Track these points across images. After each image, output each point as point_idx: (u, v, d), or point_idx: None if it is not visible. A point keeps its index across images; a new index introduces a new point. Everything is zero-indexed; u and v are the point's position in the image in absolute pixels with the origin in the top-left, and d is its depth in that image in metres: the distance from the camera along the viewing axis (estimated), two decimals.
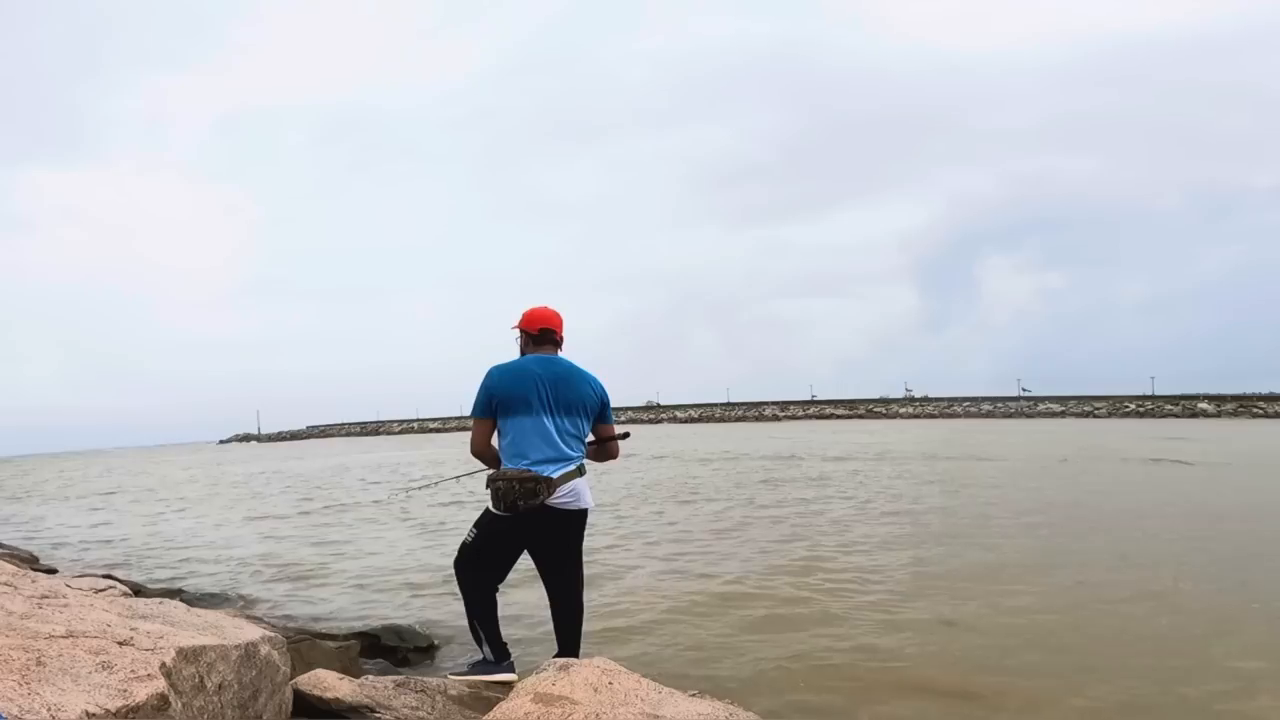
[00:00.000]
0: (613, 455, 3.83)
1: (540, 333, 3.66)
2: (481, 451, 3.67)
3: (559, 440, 3.51)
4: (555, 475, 3.47)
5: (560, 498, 3.48)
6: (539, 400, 3.50)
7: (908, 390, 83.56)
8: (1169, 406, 63.04)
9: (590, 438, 3.72)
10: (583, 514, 3.61)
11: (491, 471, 3.56)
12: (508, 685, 3.18)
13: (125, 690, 1.90)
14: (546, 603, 3.73)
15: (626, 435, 3.90)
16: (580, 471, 3.58)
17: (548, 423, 3.50)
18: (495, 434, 3.63)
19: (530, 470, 3.45)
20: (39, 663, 1.92)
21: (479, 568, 3.61)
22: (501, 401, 3.54)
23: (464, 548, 3.64)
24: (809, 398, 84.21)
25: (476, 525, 3.63)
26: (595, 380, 3.68)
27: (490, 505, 3.53)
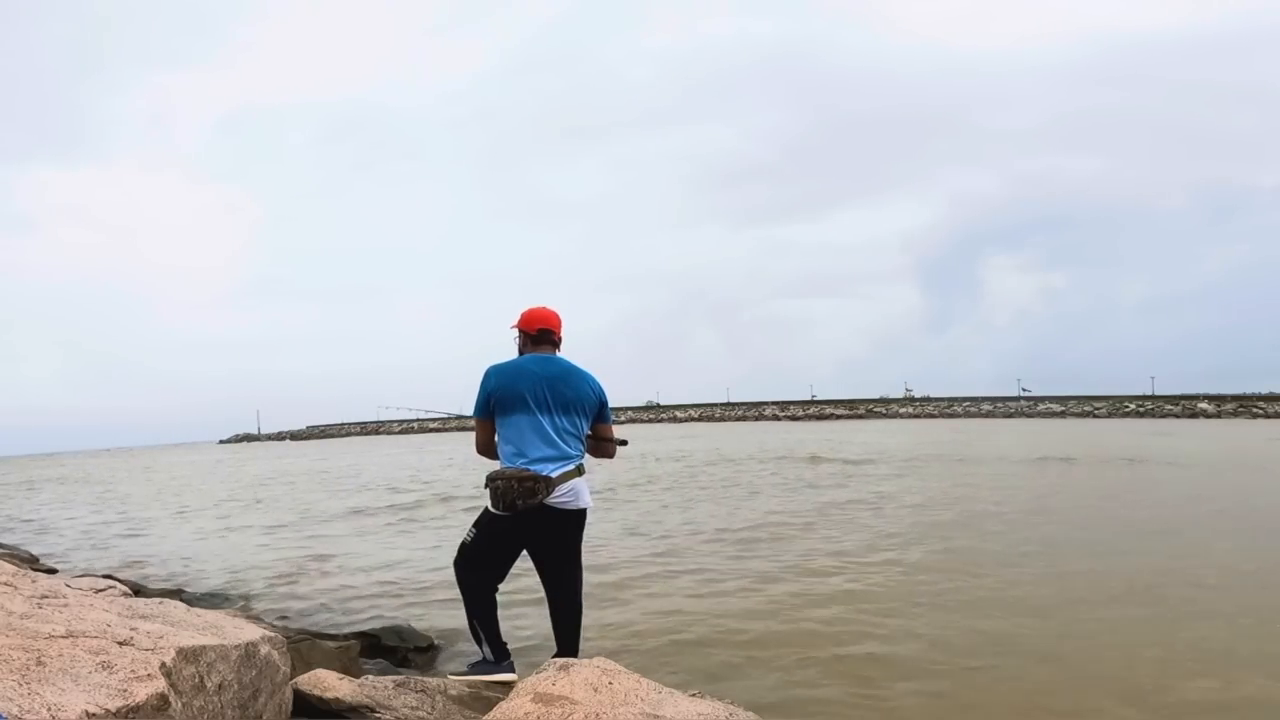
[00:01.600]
0: (609, 454, 3.83)
1: (538, 333, 3.67)
2: (486, 451, 3.70)
3: (557, 439, 3.52)
4: (554, 474, 3.47)
5: (559, 497, 3.48)
6: (537, 399, 3.51)
7: (908, 390, 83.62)
8: (1169, 406, 63.04)
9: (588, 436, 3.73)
10: (581, 513, 3.62)
11: (490, 471, 3.56)
12: (508, 685, 3.18)
13: (125, 690, 1.90)
14: (546, 602, 3.73)
15: (625, 443, 3.92)
16: (579, 471, 3.58)
17: (546, 422, 3.51)
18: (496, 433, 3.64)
19: (529, 469, 3.45)
20: (39, 663, 1.92)
21: (478, 567, 3.61)
22: (500, 401, 3.55)
23: (463, 547, 3.65)
24: (809, 398, 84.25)
25: (476, 525, 3.63)
26: (593, 379, 3.68)
27: (489, 505, 3.54)
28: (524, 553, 3.66)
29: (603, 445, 3.78)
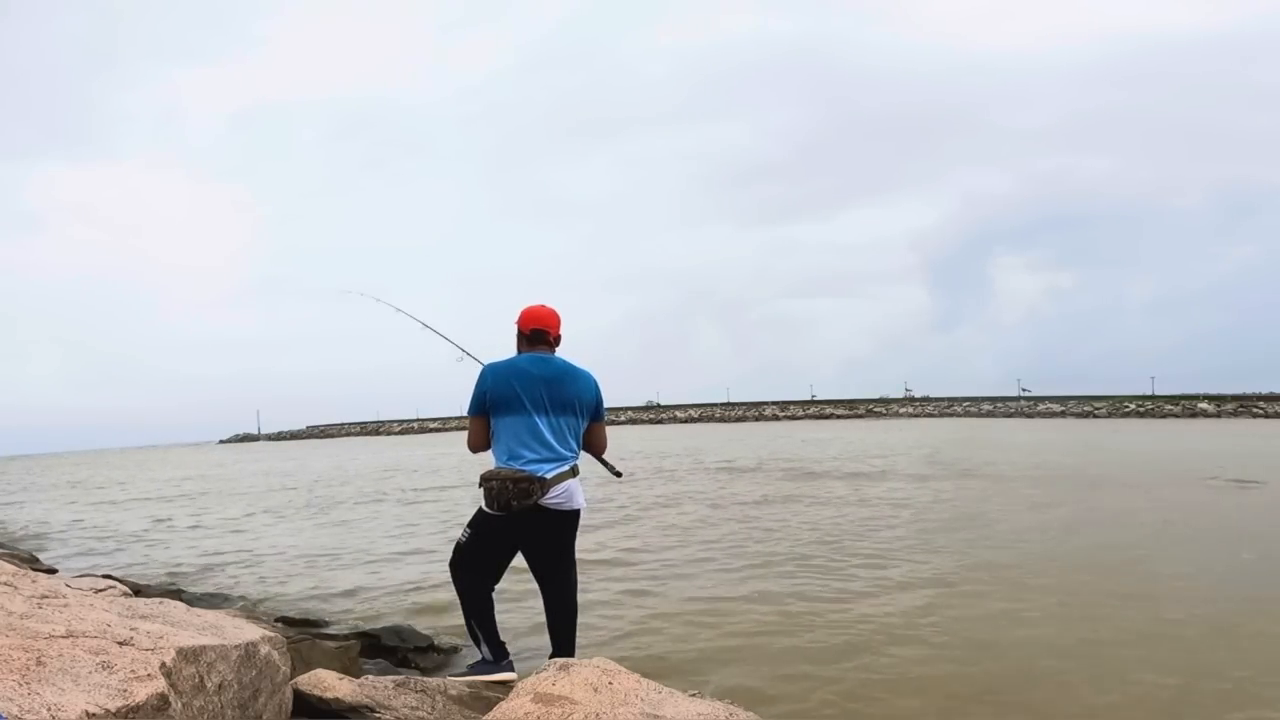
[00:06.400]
0: (600, 450, 3.83)
1: (533, 333, 3.65)
2: (477, 447, 3.69)
3: (552, 440, 3.51)
4: (549, 475, 3.47)
5: (553, 498, 3.48)
6: (533, 399, 3.50)
7: (907, 390, 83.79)
8: (1169, 406, 63.05)
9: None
10: (575, 514, 3.62)
11: (484, 471, 3.56)
12: (508, 685, 3.18)
13: (125, 690, 1.90)
14: (542, 602, 3.73)
15: (619, 475, 3.98)
16: (574, 472, 3.58)
17: (541, 422, 3.50)
18: (491, 432, 3.63)
19: (523, 470, 3.45)
20: (39, 663, 1.92)
21: (474, 568, 3.61)
22: (495, 400, 3.54)
23: (459, 548, 3.65)
24: (809, 398, 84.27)
25: (471, 525, 3.64)
26: (590, 379, 3.67)
27: (484, 505, 3.54)
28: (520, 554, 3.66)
29: (594, 444, 3.78)
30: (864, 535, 8.10)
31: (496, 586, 3.70)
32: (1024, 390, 76.41)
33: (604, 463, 3.92)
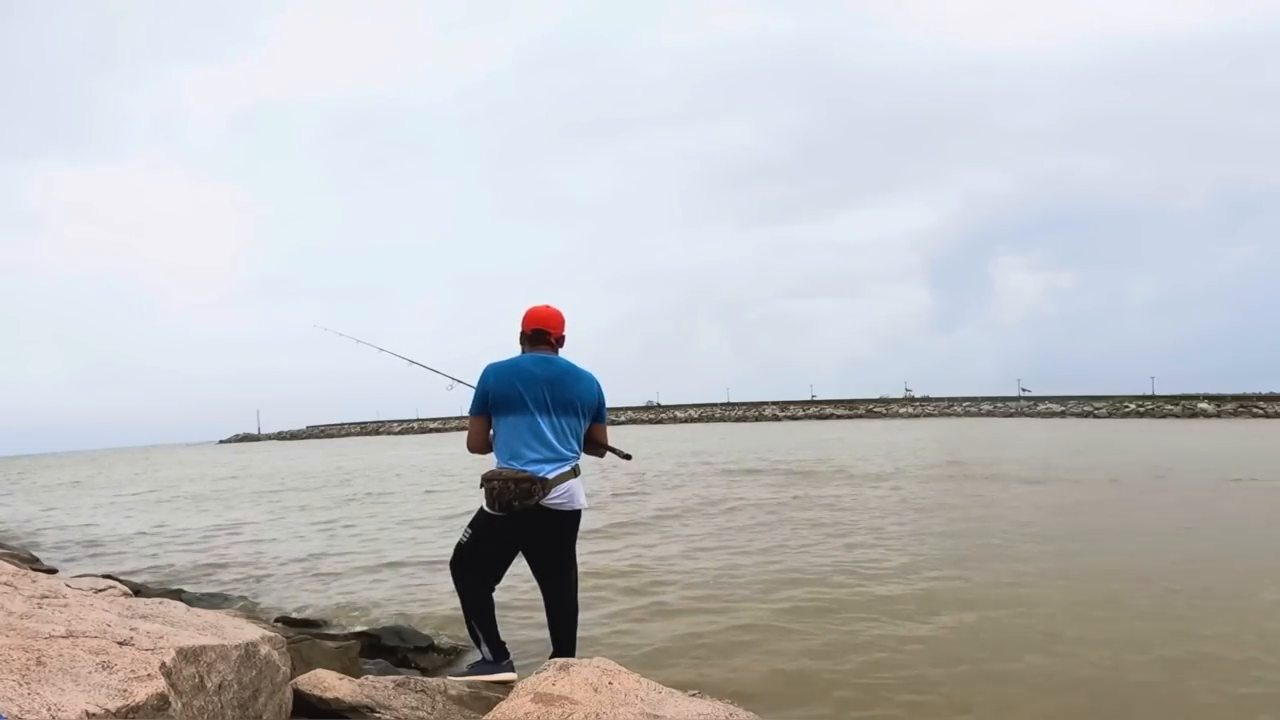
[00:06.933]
0: (600, 454, 3.83)
1: (534, 333, 3.65)
2: (478, 448, 3.69)
3: (554, 440, 3.51)
4: (550, 475, 3.47)
5: (555, 498, 3.48)
6: (534, 399, 3.50)
7: (907, 390, 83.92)
8: (1169, 407, 63.09)
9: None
10: (576, 515, 3.61)
11: (486, 471, 3.56)
12: (508, 685, 3.18)
13: (125, 690, 1.90)
14: (543, 602, 3.73)
15: (628, 457, 3.97)
16: (575, 472, 3.58)
17: (542, 422, 3.50)
18: (491, 431, 3.63)
19: (525, 470, 3.45)
20: (39, 663, 1.92)
21: (474, 568, 3.61)
22: (496, 400, 3.54)
23: (459, 548, 3.64)
24: (809, 398, 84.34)
25: (472, 525, 3.64)
26: (593, 379, 3.67)
27: (485, 505, 3.54)
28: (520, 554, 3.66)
29: (595, 445, 3.78)
30: (876, 537, 8.08)
31: (497, 587, 3.70)
32: (1024, 390, 76.62)
33: (611, 449, 3.90)
